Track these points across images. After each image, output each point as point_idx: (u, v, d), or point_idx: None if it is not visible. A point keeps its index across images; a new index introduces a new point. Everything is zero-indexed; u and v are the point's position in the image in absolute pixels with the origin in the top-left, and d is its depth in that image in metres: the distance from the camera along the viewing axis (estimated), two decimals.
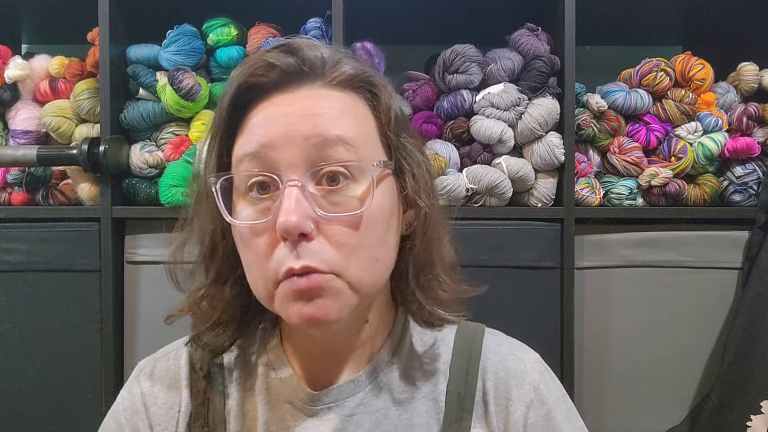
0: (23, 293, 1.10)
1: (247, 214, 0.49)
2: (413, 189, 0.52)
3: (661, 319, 1.12)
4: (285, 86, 0.51)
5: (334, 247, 0.47)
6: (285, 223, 0.45)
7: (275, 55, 0.50)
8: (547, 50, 1.12)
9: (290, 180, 0.47)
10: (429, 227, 0.54)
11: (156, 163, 1.12)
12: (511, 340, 0.63)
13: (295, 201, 0.46)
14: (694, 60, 1.13)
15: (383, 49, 1.14)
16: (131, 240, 1.13)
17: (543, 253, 1.09)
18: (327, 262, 0.47)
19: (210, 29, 1.14)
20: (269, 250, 0.48)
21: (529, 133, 1.09)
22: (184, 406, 0.57)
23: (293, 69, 0.50)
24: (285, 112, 0.49)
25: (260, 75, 0.50)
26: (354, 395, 0.55)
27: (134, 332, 1.13)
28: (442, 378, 0.58)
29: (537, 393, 0.57)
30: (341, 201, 0.48)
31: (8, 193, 1.17)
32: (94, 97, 1.12)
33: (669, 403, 1.12)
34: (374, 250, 0.50)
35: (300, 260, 0.46)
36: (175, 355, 0.61)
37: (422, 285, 0.55)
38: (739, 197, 1.13)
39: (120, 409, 0.59)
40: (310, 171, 0.48)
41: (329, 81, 0.51)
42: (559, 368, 1.09)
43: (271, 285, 0.48)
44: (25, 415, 1.10)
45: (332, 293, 0.47)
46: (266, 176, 0.48)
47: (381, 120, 0.53)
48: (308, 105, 0.49)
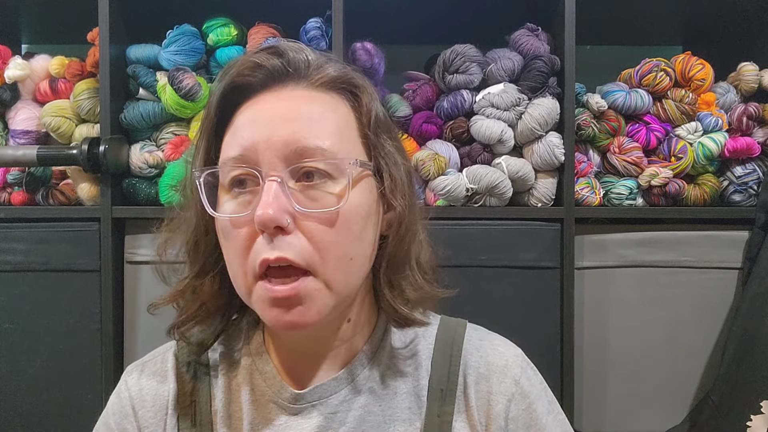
0: (23, 293, 1.10)
1: (228, 208, 0.51)
2: (389, 189, 0.54)
3: (661, 319, 1.12)
4: (270, 86, 0.53)
5: (310, 243, 0.49)
6: (262, 216, 0.47)
7: (262, 56, 0.52)
8: (547, 50, 1.12)
9: (270, 175, 0.49)
10: (402, 227, 0.55)
11: (156, 163, 1.12)
12: (493, 335, 0.64)
13: (274, 195, 0.47)
14: (694, 60, 1.13)
15: (383, 49, 1.14)
16: (131, 240, 1.13)
17: (543, 253, 1.09)
18: (302, 256, 0.48)
19: (210, 29, 1.14)
20: (248, 243, 0.49)
21: (529, 133, 1.09)
22: (171, 408, 0.59)
23: (278, 70, 0.52)
24: (267, 116, 0.51)
25: (247, 75, 0.52)
26: (337, 393, 0.57)
27: (134, 332, 1.13)
28: (423, 373, 0.59)
29: (518, 387, 0.58)
30: (318, 197, 0.50)
31: (8, 193, 1.17)
32: (94, 97, 1.12)
33: (669, 403, 1.12)
34: (348, 248, 0.51)
35: (275, 251, 0.47)
36: (162, 358, 0.62)
37: (392, 284, 0.56)
38: (739, 197, 1.13)
39: (110, 413, 0.60)
40: (290, 168, 0.49)
41: (312, 82, 0.53)
42: (559, 368, 1.09)
43: (250, 279, 0.50)
44: (25, 415, 1.10)
45: (309, 298, 0.49)
46: (248, 172, 0.50)
47: (362, 121, 0.55)
48: (290, 107, 0.51)
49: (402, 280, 0.57)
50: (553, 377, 1.09)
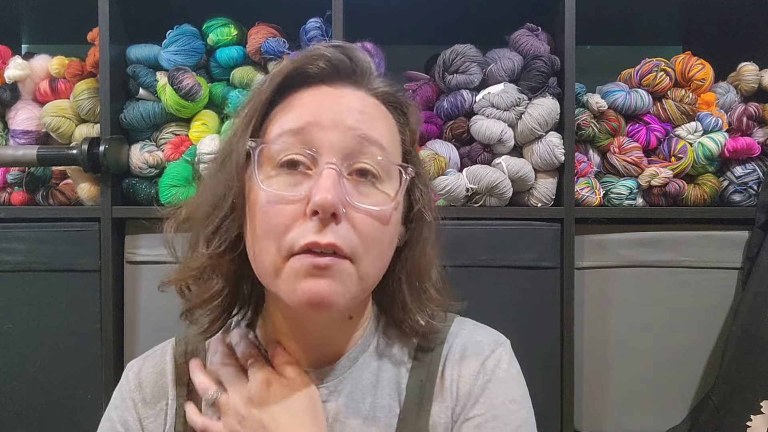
0: (23, 293, 1.10)
1: (278, 185, 0.51)
2: (422, 203, 0.57)
3: (661, 319, 1.12)
4: (333, 82, 0.55)
5: (357, 235, 0.50)
6: (323, 200, 0.47)
7: (331, 50, 0.54)
8: (547, 50, 1.12)
9: (329, 162, 0.50)
10: (429, 240, 0.58)
11: (156, 163, 1.12)
12: (479, 326, 0.65)
13: (332, 181, 0.48)
14: (694, 60, 1.13)
15: (383, 49, 1.14)
16: (131, 240, 1.13)
17: (543, 253, 1.09)
18: (349, 246, 0.49)
19: (210, 29, 1.14)
20: (290, 222, 0.49)
21: (529, 133, 1.09)
22: (171, 400, 0.60)
23: (346, 67, 0.54)
24: (334, 101, 0.53)
25: (311, 64, 0.54)
26: (327, 383, 0.58)
27: (134, 332, 1.13)
28: (407, 365, 0.60)
29: (483, 366, 0.59)
30: (370, 193, 0.52)
31: (8, 193, 1.17)
32: (94, 97, 1.12)
33: (669, 403, 1.12)
34: (385, 248, 0.54)
35: (327, 237, 0.48)
36: (161, 352, 0.64)
37: (414, 295, 0.59)
38: (739, 197, 1.13)
39: (112, 408, 0.61)
40: (347, 161, 0.51)
41: (372, 90, 0.56)
42: (559, 368, 1.09)
43: (281, 258, 0.50)
44: (25, 415, 1.10)
45: (342, 277, 0.50)
46: (305, 154, 0.51)
47: (405, 137, 0.58)
48: (353, 101, 0.53)
49: (423, 291, 0.59)
50: (553, 377, 1.09)
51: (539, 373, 1.02)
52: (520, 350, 0.63)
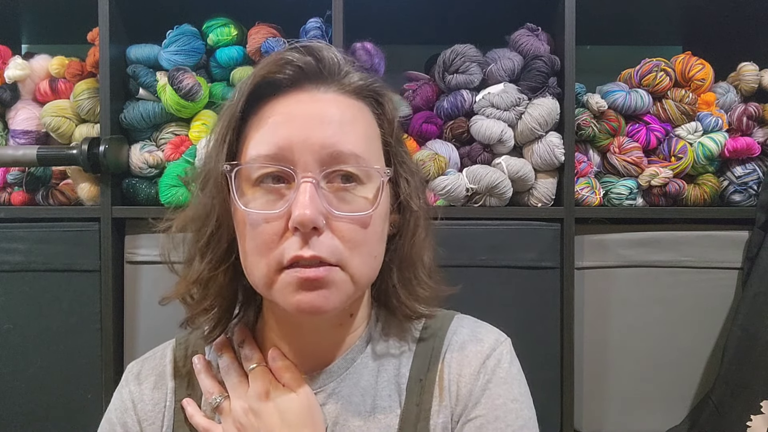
0: (23, 293, 1.10)
1: (257, 203, 0.52)
2: (407, 193, 0.57)
3: (661, 319, 1.12)
4: (301, 85, 0.54)
5: (341, 242, 0.51)
6: (301, 216, 0.48)
7: (294, 54, 0.54)
8: (547, 50, 1.12)
9: (306, 176, 0.50)
10: (418, 229, 0.59)
11: (156, 163, 1.12)
12: (479, 323, 0.65)
13: (310, 196, 0.49)
14: (694, 60, 1.13)
15: (383, 49, 1.14)
16: (131, 240, 1.13)
17: (543, 253, 1.09)
18: (334, 254, 0.50)
19: (210, 29, 1.14)
20: (275, 238, 0.50)
21: (529, 133, 1.09)
22: (170, 401, 0.60)
23: (311, 69, 0.54)
24: (303, 117, 0.52)
25: (278, 72, 0.53)
26: (326, 386, 0.58)
27: (134, 332, 1.13)
28: (406, 364, 0.60)
29: (483, 366, 0.59)
30: (350, 199, 0.52)
31: (8, 193, 1.17)
32: (94, 97, 1.12)
33: (669, 403, 1.12)
34: (374, 247, 0.54)
35: (310, 250, 0.49)
36: (161, 354, 0.64)
37: (404, 282, 0.60)
38: (739, 197, 1.13)
39: (111, 409, 0.62)
40: (324, 171, 0.51)
41: (342, 87, 0.55)
42: (559, 368, 1.09)
43: (273, 272, 0.51)
44: (25, 415, 1.10)
45: (334, 284, 0.51)
46: (281, 170, 0.51)
47: (384, 128, 0.58)
48: (324, 110, 0.53)
49: (412, 279, 0.60)
50: (553, 377, 1.09)
51: (539, 373, 1.02)
52: (520, 350, 0.64)
